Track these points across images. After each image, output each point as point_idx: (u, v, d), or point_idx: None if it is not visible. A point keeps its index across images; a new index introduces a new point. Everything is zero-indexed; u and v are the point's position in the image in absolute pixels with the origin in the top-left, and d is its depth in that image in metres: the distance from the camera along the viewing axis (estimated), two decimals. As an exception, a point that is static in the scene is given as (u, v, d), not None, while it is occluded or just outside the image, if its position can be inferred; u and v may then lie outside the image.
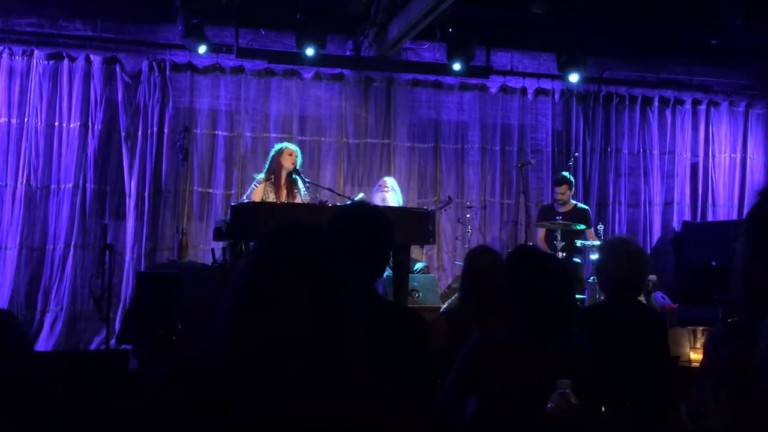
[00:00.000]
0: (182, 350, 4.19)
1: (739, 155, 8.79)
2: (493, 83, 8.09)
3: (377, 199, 6.79)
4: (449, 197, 7.40)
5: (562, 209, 7.16)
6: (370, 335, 1.57)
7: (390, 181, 6.99)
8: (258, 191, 6.11)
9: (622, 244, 3.04)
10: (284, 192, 6.15)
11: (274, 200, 5.98)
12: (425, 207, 7.38)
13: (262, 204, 5.74)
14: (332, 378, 1.36)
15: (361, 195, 7.01)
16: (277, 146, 6.34)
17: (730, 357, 1.37)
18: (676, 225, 8.50)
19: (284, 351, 1.36)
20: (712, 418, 1.33)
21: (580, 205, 7.42)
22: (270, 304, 1.39)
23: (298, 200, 6.11)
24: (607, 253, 3.06)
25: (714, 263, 7.14)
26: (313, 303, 1.39)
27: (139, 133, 7.21)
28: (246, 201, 6.02)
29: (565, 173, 7.39)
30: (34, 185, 6.99)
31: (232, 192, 7.40)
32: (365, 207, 2.59)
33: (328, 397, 1.34)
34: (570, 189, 7.24)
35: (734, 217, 8.49)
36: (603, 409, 1.69)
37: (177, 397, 1.36)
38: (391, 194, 6.89)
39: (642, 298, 5.94)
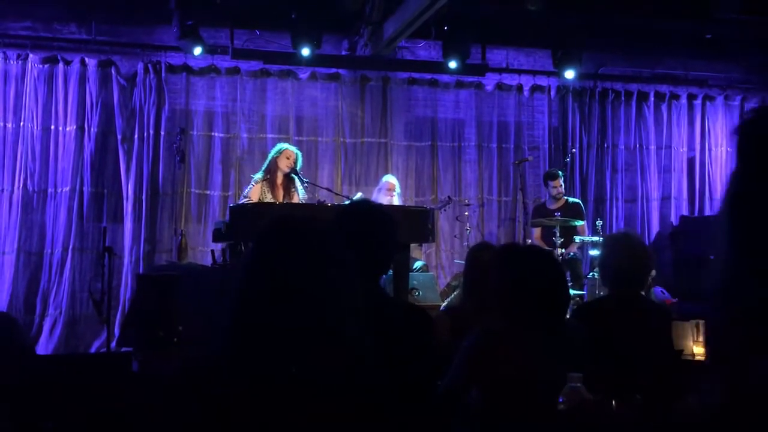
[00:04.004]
0: (183, 352, 4.19)
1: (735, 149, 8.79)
2: (489, 81, 8.10)
3: (382, 202, 6.72)
4: (449, 197, 7.40)
5: (555, 205, 7.12)
6: (376, 331, 1.57)
7: (396, 185, 6.95)
8: (255, 191, 6.11)
9: (625, 239, 3.05)
10: (281, 192, 6.14)
11: (272, 200, 5.97)
12: (424, 205, 7.37)
13: (261, 204, 5.73)
14: (335, 371, 1.36)
15: (359, 194, 6.99)
16: (278, 146, 6.31)
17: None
18: (673, 219, 8.52)
19: (288, 343, 1.35)
20: (723, 408, 1.33)
21: (571, 199, 7.40)
22: (272, 298, 1.38)
23: (295, 200, 6.10)
24: (610, 248, 3.07)
25: (712, 257, 7.14)
26: (314, 294, 1.38)
27: (136, 135, 7.19)
28: (244, 201, 6.01)
29: (554, 167, 7.45)
30: (31, 189, 6.97)
31: (230, 193, 7.38)
32: (369, 205, 2.61)
33: (331, 389, 1.34)
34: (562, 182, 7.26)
35: (731, 210, 8.49)
36: (614, 403, 1.70)
37: (183, 398, 1.37)
38: (396, 198, 6.88)
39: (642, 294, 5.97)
